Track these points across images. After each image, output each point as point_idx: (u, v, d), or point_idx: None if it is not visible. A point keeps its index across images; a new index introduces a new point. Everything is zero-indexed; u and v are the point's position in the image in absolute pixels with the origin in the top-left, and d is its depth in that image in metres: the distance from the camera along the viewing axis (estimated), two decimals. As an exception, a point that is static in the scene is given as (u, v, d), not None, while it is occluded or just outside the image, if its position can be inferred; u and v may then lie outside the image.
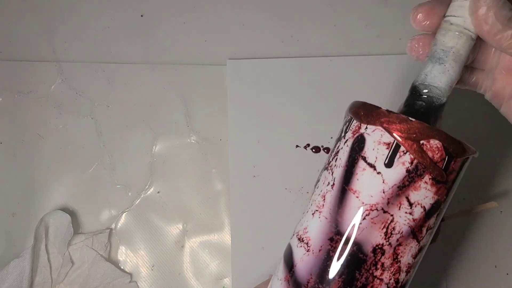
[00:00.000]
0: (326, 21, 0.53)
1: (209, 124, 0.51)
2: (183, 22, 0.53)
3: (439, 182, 0.25)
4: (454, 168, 0.26)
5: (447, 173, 0.25)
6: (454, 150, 0.25)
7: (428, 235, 0.27)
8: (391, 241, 0.26)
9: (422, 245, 0.27)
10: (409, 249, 0.26)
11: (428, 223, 0.26)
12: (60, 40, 0.52)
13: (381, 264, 0.26)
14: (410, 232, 0.26)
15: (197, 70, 0.52)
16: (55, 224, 0.47)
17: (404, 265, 0.26)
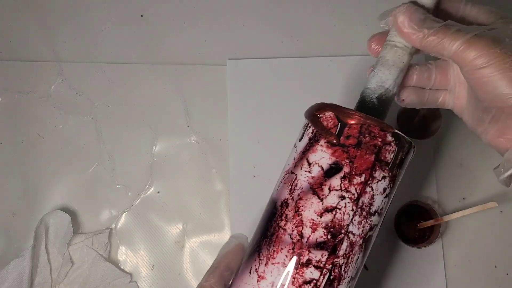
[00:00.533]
0: (326, 21, 0.53)
1: (209, 124, 0.51)
2: (183, 22, 0.53)
3: (334, 144, 0.30)
4: (350, 134, 0.29)
5: (342, 137, 0.29)
6: (344, 117, 0.30)
7: (334, 196, 0.29)
8: (294, 195, 0.30)
9: (327, 205, 0.29)
10: (310, 204, 0.29)
11: (330, 182, 0.29)
12: (60, 40, 0.52)
13: (285, 216, 0.30)
14: (310, 188, 0.30)
15: (197, 70, 0.52)
16: (55, 224, 0.47)
17: (307, 219, 0.29)
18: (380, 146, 0.29)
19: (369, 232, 0.30)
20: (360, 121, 0.29)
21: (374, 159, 0.29)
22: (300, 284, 0.29)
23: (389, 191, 0.30)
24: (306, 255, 0.29)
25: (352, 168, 0.29)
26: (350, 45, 0.52)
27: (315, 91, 0.50)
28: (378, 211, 0.30)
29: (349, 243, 0.29)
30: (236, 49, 0.52)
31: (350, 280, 0.30)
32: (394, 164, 0.30)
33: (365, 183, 0.29)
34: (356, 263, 0.30)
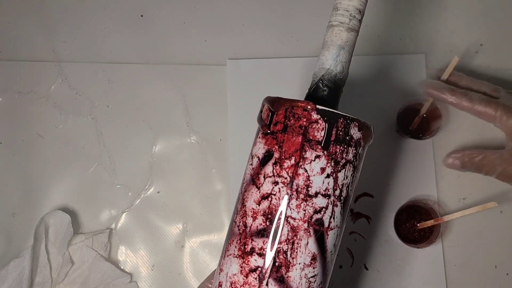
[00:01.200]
0: (326, 21, 0.52)
1: (209, 124, 0.51)
2: (183, 22, 0.53)
3: (266, 133, 0.31)
4: (277, 120, 0.30)
5: (271, 125, 0.30)
6: (272, 105, 0.31)
7: (268, 183, 0.29)
8: (242, 189, 0.31)
9: (263, 192, 0.29)
10: (251, 194, 0.30)
11: (264, 170, 0.30)
12: (60, 40, 0.52)
13: (236, 210, 0.31)
14: (251, 179, 0.31)
15: (197, 70, 0.52)
16: (55, 224, 0.47)
17: (249, 209, 0.30)
18: (306, 126, 0.29)
19: (316, 215, 0.29)
20: (284, 105, 0.30)
21: (301, 140, 0.29)
22: (247, 273, 0.29)
23: (332, 170, 0.29)
24: (249, 243, 0.29)
25: (281, 153, 0.29)
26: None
27: (315, 91, 0.50)
28: (320, 192, 0.29)
29: (290, 227, 0.29)
30: (236, 49, 0.52)
31: (303, 266, 0.29)
32: (328, 141, 0.29)
33: (296, 165, 0.29)
34: (306, 248, 0.29)
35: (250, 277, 0.29)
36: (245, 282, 0.29)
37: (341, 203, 0.30)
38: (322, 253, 0.29)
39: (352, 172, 0.30)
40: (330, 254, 0.30)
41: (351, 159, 0.30)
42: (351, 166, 0.30)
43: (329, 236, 0.30)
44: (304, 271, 0.29)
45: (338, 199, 0.30)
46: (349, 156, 0.30)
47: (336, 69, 0.32)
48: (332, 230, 0.30)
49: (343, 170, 0.30)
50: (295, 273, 0.29)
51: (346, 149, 0.30)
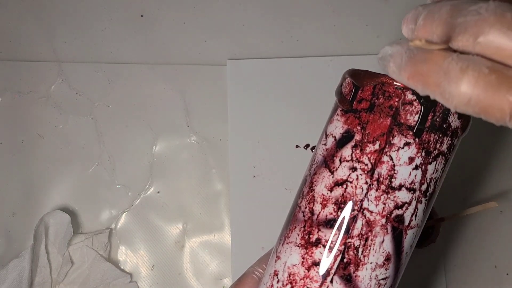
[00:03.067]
0: (326, 21, 0.53)
1: (209, 124, 0.51)
2: (183, 22, 0.53)
3: (346, 111, 0.27)
4: (362, 97, 0.26)
5: (354, 102, 0.26)
6: (357, 79, 0.26)
7: (345, 168, 0.26)
8: (311, 171, 0.28)
9: (337, 178, 0.26)
10: (321, 178, 0.27)
11: (341, 153, 0.26)
12: (60, 40, 0.52)
13: (302, 193, 0.28)
14: (323, 161, 0.27)
15: (197, 70, 0.52)
16: (55, 224, 0.47)
17: (318, 195, 0.26)
18: (397, 107, 0.25)
19: (396, 211, 0.25)
20: (373, 81, 0.26)
21: (390, 122, 0.25)
22: (310, 265, 0.26)
23: (421, 162, 0.25)
24: (315, 233, 0.26)
25: (364, 135, 0.25)
26: (350, 45, 0.52)
27: (315, 91, 0.50)
28: (405, 185, 0.25)
29: (365, 221, 0.25)
30: (236, 49, 0.52)
31: (375, 267, 0.25)
32: (422, 127, 0.25)
33: (380, 151, 0.25)
34: (381, 246, 0.25)
35: (312, 270, 0.25)
36: (306, 275, 0.25)
37: (426, 200, 0.26)
38: (397, 254, 0.26)
39: (443, 166, 0.26)
40: (405, 256, 0.27)
41: (444, 150, 0.26)
42: (443, 158, 0.26)
43: (408, 235, 0.26)
44: (375, 271, 0.26)
45: (423, 195, 0.26)
46: (443, 147, 0.26)
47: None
48: (412, 229, 0.26)
49: (434, 162, 0.26)
50: (365, 273, 0.25)
51: (441, 139, 0.25)
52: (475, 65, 0.18)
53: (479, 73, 0.18)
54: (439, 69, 0.19)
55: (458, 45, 0.19)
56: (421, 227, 0.27)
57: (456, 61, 0.19)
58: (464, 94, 0.18)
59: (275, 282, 0.27)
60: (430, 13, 0.21)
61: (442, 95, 0.19)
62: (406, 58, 0.21)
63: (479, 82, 0.18)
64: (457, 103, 0.19)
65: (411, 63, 0.21)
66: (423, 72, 0.20)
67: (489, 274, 0.48)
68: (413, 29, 0.22)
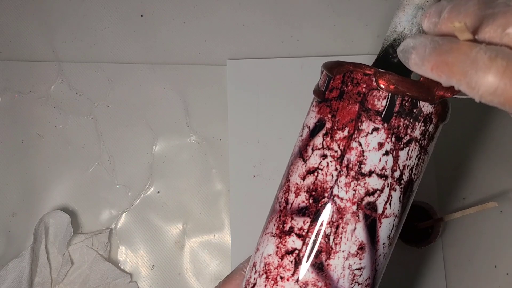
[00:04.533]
0: (326, 21, 0.53)
1: (209, 124, 0.51)
2: (183, 22, 0.53)
3: (320, 101, 0.27)
4: (333, 86, 0.26)
5: (326, 92, 0.26)
6: (330, 70, 0.27)
7: (316, 156, 0.25)
8: (289, 163, 0.28)
9: (309, 166, 0.26)
10: (296, 168, 0.27)
11: (313, 142, 0.26)
12: (60, 40, 0.52)
13: (280, 185, 0.28)
14: (298, 152, 0.27)
15: (197, 70, 0.52)
16: (55, 224, 0.47)
17: (293, 184, 0.27)
18: (365, 93, 0.25)
19: (368, 198, 0.25)
20: (343, 70, 0.26)
21: (358, 108, 0.25)
22: (283, 254, 0.25)
23: (392, 147, 0.25)
24: (289, 222, 0.26)
25: (334, 123, 0.25)
26: (350, 45, 0.52)
27: (315, 91, 0.50)
28: (375, 171, 0.25)
29: (335, 208, 0.25)
30: (236, 49, 0.52)
31: (348, 255, 0.25)
32: (390, 112, 0.24)
33: (349, 137, 0.25)
34: (353, 234, 0.25)
35: (285, 259, 0.25)
36: (280, 264, 0.25)
37: (400, 188, 0.25)
38: (372, 244, 0.25)
39: (418, 153, 0.25)
40: (382, 247, 0.26)
41: (417, 136, 0.25)
42: (417, 145, 0.25)
43: (383, 224, 0.25)
44: (348, 261, 0.25)
45: (397, 182, 0.25)
46: (415, 133, 0.25)
47: (411, 32, 0.27)
48: (387, 218, 0.25)
49: (406, 148, 0.25)
50: (337, 262, 0.25)
51: (412, 124, 0.25)
52: (504, 55, 0.18)
53: (508, 62, 0.18)
54: (466, 58, 0.19)
55: (485, 36, 0.20)
56: (401, 217, 0.27)
57: (484, 50, 0.19)
58: (491, 83, 0.18)
59: (253, 273, 0.27)
60: (456, 6, 0.21)
61: (468, 84, 0.19)
62: (430, 48, 0.21)
63: (507, 71, 0.18)
64: (483, 93, 0.19)
65: (436, 53, 0.20)
66: (449, 62, 0.20)
67: (489, 274, 0.48)
68: (436, 22, 0.22)
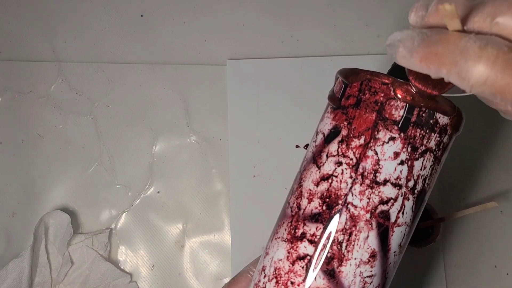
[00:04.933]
0: (326, 21, 0.53)
1: (209, 124, 0.51)
2: (183, 22, 0.53)
3: (335, 108, 0.27)
4: (350, 93, 0.26)
5: (342, 99, 0.27)
6: (346, 77, 0.27)
7: (331, 163, 0.26)
8: (301, 168, 0.28)
9: (324, 173, 0.26)
10: (309, 174, 0.27)
11: (328, 148, 0.26)
12: (60, 40, 0.52)
13: (292, 190, 0.28)
14: (312, 158, 0.27)
15: (197, 70, 0.52)
16: (55, 224, 0.47)
17: (306, 190, 0.27)
18: (383, 102, 0.25)
19: (381, 206, 0.25)
20: (360, 78, 0.26)
21: (375, 117, 0.25)
22: (294, 260, 0.26)
23: (407, 157, 0.25)
24: (301, 228, 0.26)
25: (350, 130, 0.25)
26: (350, 45, 0.52)
27: (315, 91, 0.50)
28: (390, 180, 0.25)
29: (349, 216, 0.25)
30: (236, 49, 0.52)
31: (359, 263, 0.25)
32: (407, 122, 0.25)
33: (365, 145, 0.25)
34: (365, 242, 0.25)
35: (296, 265, 0.25)
36: (291, 269, 0.25)
37: (413, 197, 0.26)
38: (384, 252, 0.26)
39: (432, 164, 0.26)
40: (393, 255, 0.26)
41: (432, 147, 0.25)
42: (431, 155, 0.26)
43: (395, 233, 0.26)
44: (360, 268, 0.25)
45: (411, 191, 0.26)
46: (431, 144, 0.25)
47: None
48: (400, 227, 0.26)
49: (421, 158, 0.25)
50: (349, 269, 0.25)
51: (428, 135, 0.25)
52: (494, 43, 0.18)
53: (498, 51, 0.18)
54: (455, 48, 0.19)
55: (474, 26, 0.19)
56: (411, 226, 0.27)
57: (474, 40, 0.18)
58: (482, 73, 0.18)
59: (262, 277, 0.27)
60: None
61: (458, 74, 0.19)
62: (419, 40, 0.20)
63: (498, 60, 0.18)
64: (474, 83, 0.18)
65: (424, 44, 0.20)
66: (438, 52, 0.19)
67: (489, 274, 0.48)
68: (423, 15, 0.22)
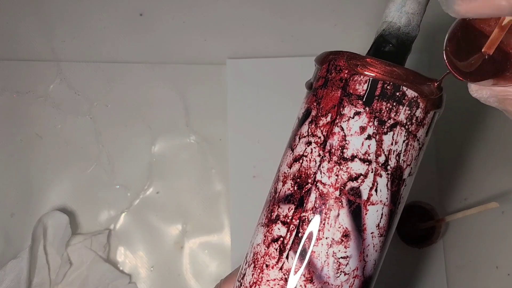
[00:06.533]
0: (326, 20, 0.52)
1: (209, 124, 0.51)
2: (182, 21, 0.52)
3: (309, 91, 0.28)
4: (320, 75, 0.27)
5: (314, 82, 0.27)
6: (318, 61, 0.27)
7: (302, 144, 0.26)
8: (282, 155, 0.29)
9: (296, 154, 0.26)
10: (285, 158, 0.28)
11: (300, 130, 0.27)
12: (59, 39, 0.52)
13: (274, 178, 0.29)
14: (288, 143, 0.28)
15: (197, 70, 0.51)
16: (53, 224, 0.47)
17: (281, 173, 0.27)
18: (347, 78, 0.25)
19: (351, 183, 0.24)
20: (328, 59, 0.26)
21: (340, 94, 0.25)
22: (269, 242, 0.26)
23: (374, 131, 0.24)
24: (276, 210, 0.26)
25: (318, 110, 0.26)
26: (350, 45, 0.52)
27: (315, 90, 0.50)
28: (358, 155, 0.24)
29: (318, 194, 0.25)
30: (236, 49, 0.52)
31: (331, 243, 0.24)
32: (372, 96, 0.24)
33: (332, 122, 0.25)
34: (336, 220, 0.24)
35: (271, 247, 0.25)
36: (266, 252, 0.25)
37: (387, 174, 0.25)
38: (358, 231, 0.25)
39: (405, 139, 0.25)
40: (370, 236, 0.25)
41: (402, 120, 0.25)
42: (402, 129, 0.25)
43: (369, 212, 0.25)
44: (332, 248, 0.24)
45: (382, 167, 0.25)
46: (400, 117, 0.25)
47: (400, 21, 0.27)
48: (374, 205, 0.25)
49: (390, 132, 0.24)
50: (321, 249, 0.24)
51: (396, 107, 0.24)
52: None
53: None
54: None
55: None
56: (392, 208, 0.26)
57: None
58: None
59: (244, 264, 0.27)
60: None
61: None
62: None
63: None
64: None
65: None
66: None
67: (490, 275, 0.47)
68: None
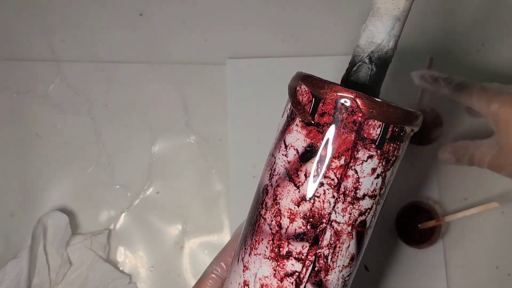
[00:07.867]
0: (326, 20, 0.52)
1: (209, 124, 0.51)
2: (182, 21, 0.52)
3: (309, 124, 0.26)
4: (324, 110, 0.25)
5: (316, 115, 0.26)
6: (318, 91, 0.25)
7: (312, 183, 0.26)
8: (272, 181, 0.27)
9: (303, 193, 0.26)
10: (287, 192, 0.26)
11: (305, 168, 0.26)
12: (58, 39, 0.52)
13: (265, 204, 0.28)
14: (286, 174, 0.27)
15: (197, 70, 0.51)
16: (53, 224, 0.46)
17: (285, 209, 0.26)
18: (361, 122, 0.25)
19: (360, 217, 0.26)
20: (335, 94, 0.25)
21: (354, 138, 0.25)
22: (282, 277, 0.26)
23: (382, 170, 0.26)
24: (285, 247, 0.26)
25: (328, 151, 0.25)
26: (350, 45, 0.52)
27: (315, 90, 0.50)
28: (368, 193, 0.26)
29: (333, 232, 0.26)
30: (236, 49, 0.52)
31: (342, 268, 0.27)
32: (383, 139, 0.25)
33: (346, 166, 0.25)
34: (347, 250, 0.26)
35: (285, 281, 0.26)
36: (279, 286, 0.26)
37: (382, 200, 0.27)
38: (359, 253, 0.27)
39: (397, 167, 0.27)
40: (363, 250, 0.28)
41: (400, 155, 0.27)
42: (398, 161, 0.27)
43: (367, 234, 0.27)
44: (342, 272, 0.27)
45: (382, 197, 0.27)
46: (400, 153, 0.26)
47: (388, 45, 0.27)
48: (371, 228, 0.27)
49: (392, 167, 0.26)
50: (334, 276, 0.27)
51: (399, 146, 0.26)
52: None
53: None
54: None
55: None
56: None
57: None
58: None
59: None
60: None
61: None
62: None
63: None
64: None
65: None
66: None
67: (490, 275, 0.47)
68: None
